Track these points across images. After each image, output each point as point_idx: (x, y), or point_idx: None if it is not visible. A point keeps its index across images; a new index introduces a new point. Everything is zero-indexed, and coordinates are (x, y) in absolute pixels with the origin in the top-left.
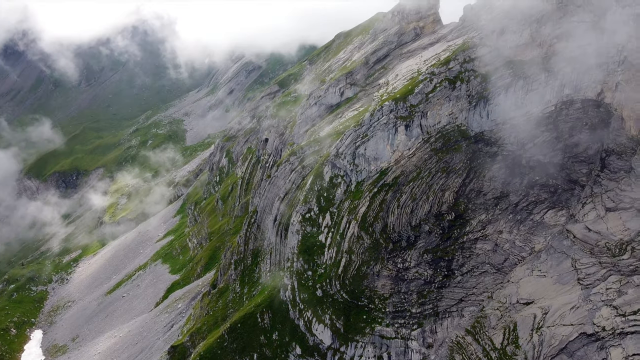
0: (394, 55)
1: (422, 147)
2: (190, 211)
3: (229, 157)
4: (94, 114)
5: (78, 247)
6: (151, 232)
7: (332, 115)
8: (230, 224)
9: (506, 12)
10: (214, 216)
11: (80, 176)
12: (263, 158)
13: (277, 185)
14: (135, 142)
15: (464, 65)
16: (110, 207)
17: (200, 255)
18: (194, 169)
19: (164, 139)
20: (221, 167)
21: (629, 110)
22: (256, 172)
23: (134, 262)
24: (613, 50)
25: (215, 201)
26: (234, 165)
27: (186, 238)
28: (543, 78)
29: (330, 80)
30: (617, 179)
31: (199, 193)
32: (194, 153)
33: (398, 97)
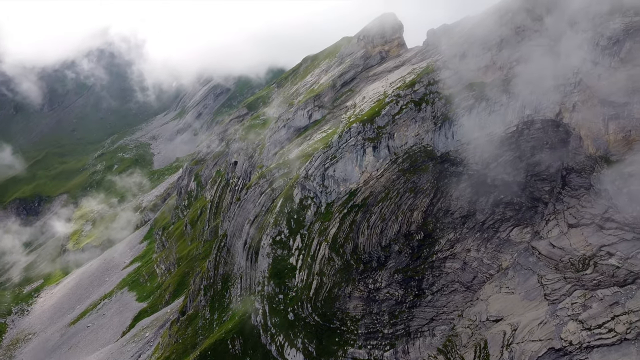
0: (361, 78)
1: (390, 168)
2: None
3: (198, 181)
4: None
5: (40, 276)
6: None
7: (301, 138)
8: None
9: (467, 37)
10: (182, 241)
11: (42, 203)
12: (232, 181)
13: (247, 208)
14: (100, 166)
15: (428, 87)
16: (74, 234)
17: (168, 282)
18: (161, 194)
19: (131, 163)
20: (190, 190)
21: (586, 130)
22: (225, 196)
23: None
24: (569, 73)
25: (183, 226)
26: (202, 189)
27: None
28: (504, 99)
29: (298, 103)
30: (577, 196)
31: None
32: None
33: (365, 119)
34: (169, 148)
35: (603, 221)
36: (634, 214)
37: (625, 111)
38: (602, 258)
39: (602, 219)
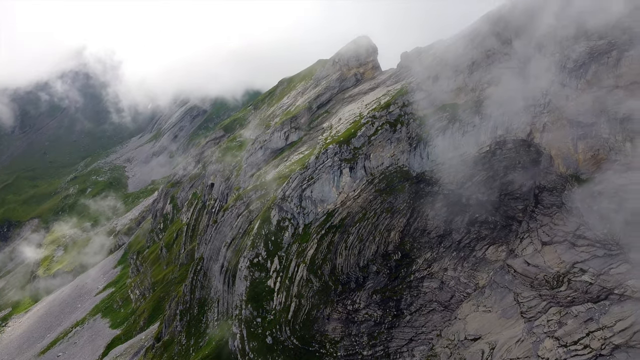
0: (337, 100)
1: (366, 189)
2: (132, 261)
3: (174, 203)
4: (29, 162)
5: (8, 304)
6: (90, 284)
7: (278, 159)
8: (175, 272)
9: (439, 60)
10: (157, 265)
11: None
12: (209, 203)
13: (224, 230)
14: (73, 190)
15: (403, 109)
16: (45, 260)
17: (143, 307)
18: (136, 217)
19: (105, 186)
20: (165, 213)
21: (557, 149)
22: (202, 218)
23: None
24: (538, 94)
25: (159, 249)
26: (178, 212)
27: (128, 289)
28: (477, 120)
29: (275, 124)
30: (550, 214)
31: (141, 242)
32: (136, 200)
33: (342, 140)
34: (144, 171)
35: (575, 238)
36: (605, 231)
37: (593, 131)
38: (575, 275)
39: (574, 236)
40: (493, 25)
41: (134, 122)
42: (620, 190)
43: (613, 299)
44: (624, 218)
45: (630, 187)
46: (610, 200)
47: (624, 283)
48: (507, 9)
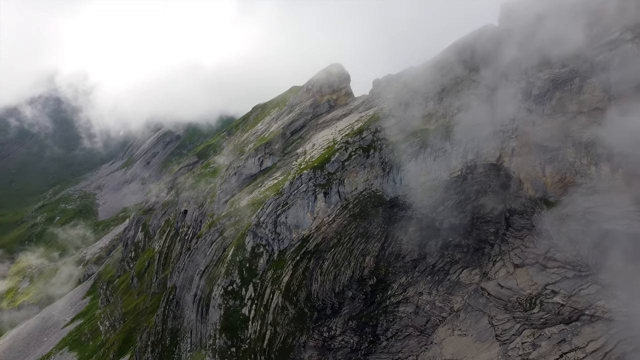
0: (310, 126)
1: (341, 214)
2: (102, 291)
3: (146, 231)
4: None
5: None
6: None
7: (252, 185)
8: (146, 302)
9: (410, 87)
10: (128, 295)
11: None
12: (182, 230)
13: (197, 258)
14: (41, 219)
15: (376, 134)
16: (9, 292)
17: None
18: (106, 245)
19: (74, 214)
20: (137, 241)
21: (525, 173)
22: (175, 246)
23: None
24: (506, 120)
25: (130, 278)
26: (151, 240)
27: (97, 321)
28: (448, 146)
29: (249, 150)
30: (521, 237)
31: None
32: (106, 228)
33: (316, 165)
34: (115, 198)
35: (546, 260)
36: (574, 253)
37: (559, 155)
38: (547, 296)
39: (545, 259)
40: (460, 54)
41: (106, 148)
42: (587, 213)
43: (584, 320)
44: (592, 240)
45: (596, 210)
46: (578, 223)
47: (594, 304)
48: (472, 38)
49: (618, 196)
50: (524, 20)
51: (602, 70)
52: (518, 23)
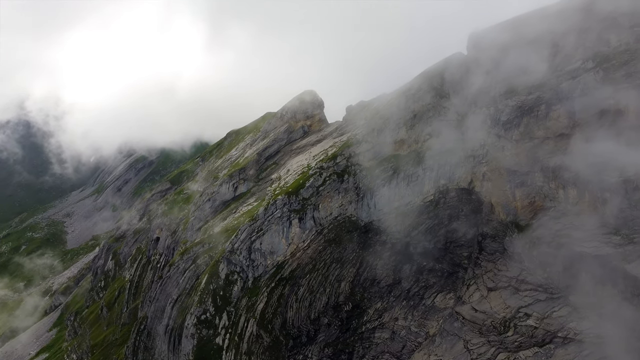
0: (285, 152)
1: (316, 239)
2: (69, 322)
3: (116, 259)
4: None
5: None
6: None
7: (227, 211)
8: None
9: (383, 113)
10: (97, 326)
11: None
12: (154, 258)
13: (170, 286)
14: (5, 248)
15: (349, 160)
16: None
17: None
18: (75, 275)
19: (41, 243)
20: (107, 270)
21: (497, 197)
22: (146, 274)
23: None
24: (476, 145)
25: (99, 309)
26: (121, 268)
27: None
28: (420, 171)
29: (223, 176)
30: (494, 260)
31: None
32: (75, 257)
33: (290, 191)
34: (85, 226)
35: (518, 283)
36: (545, 275)
37: (528, 179)
38: (520, 319)
39: (517, 282)
40: (430, 81)
41: (77, 173)
42: (557, 236)
43: (557, 342)
44: (562, 262)
45: (565, 233)
46: (549, 246)
47: (566, 326)
48: (442, 66)
49: (586, 219)
50: (491, 50)
51: (566, 97)
52: (485, 52)
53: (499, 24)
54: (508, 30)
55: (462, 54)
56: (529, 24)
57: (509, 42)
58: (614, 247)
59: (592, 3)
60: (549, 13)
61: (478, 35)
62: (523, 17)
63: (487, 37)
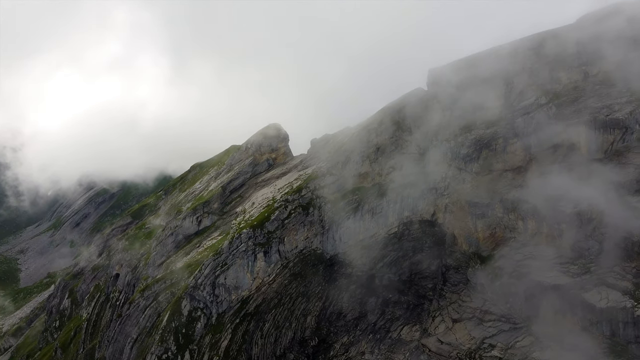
0: (250, 185)
1: (281, 273)
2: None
3: (73, 298)
4: None
5: None
6: None
7: (190, 245)
8: None
9: (347, 146)
10: None
11: None
12: (113, 296)
13: (129, 325)
14: None
15: (314, 192)
16: None
17: None
18: (27, 315)
19: None
20: (62, 309)
21: (459, 229)
22: (105, 313)
23: None
24: (438, 178)
25: (53, 350)
26: (78, 307)
27: None
28: (384, 203)
29: (187, 210)
30: (458, 291)
31: (32, 343)
32: (29, 296)
33: (255, 224)
34: (40, 263)
35: (482, 314)
36: (508, 305)
37: (489, 211)
38: (485, 350)
39: (481, 312)
40: (393, 115)
41: (34, 207)
42: (518, 266)
43: None
44: (524, 292)
45: (525, 263)
46: (510, 276)
47: (530, 356)
48: (403, 101)
49: (544, 250)
50: (449, 87)
51: (521, 132)
52: (443, 89)
53: (455, 61)
54: (464, 69)
55: (422, 90)
56: (484, 63)
57: (465, 79)
58: (572, 276)
59: (540, 45)
60: (502, 53)
61: (436, 72)
62: (478, 55)
63: (445, 75)
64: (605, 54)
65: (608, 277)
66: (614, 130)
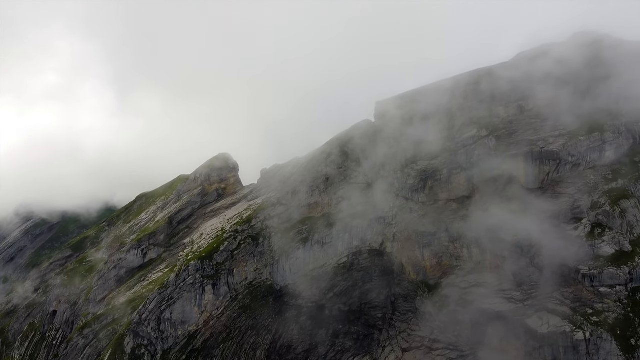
0: (198, 215)
1: (230, 306)
2: None
3: (4, 338)
4: None
5: None
6: None
7: (134, 279)
8: None
9: (297, 176)
10: None
11: None
12: (50, 334)
13: None
14: None
15: (265, 222)
16: None
17: None
18: None
19: None
20: None
21: (407, 258)
22: (40, 353)
23: None
24: (386, 207)
25: None
26: (10, 348)
27: None
28: (334, 233)
29: (131, 242)
30: (407, 320)
31: None
32: None
33: (204, 255)
34: None
35: (431, 342)
36: (455, 333)
37: (435, 240)
38: None
39: (430, 341)
40: (342, 146)
41: None
42: (464, 294)
43: None
44: (470, 319)
45: (471, 290)
46: (457, 304)
47: None
48: (352, 132)
49: (489, 277)
50: (394, 121)
51: (464, 163)
52: (389, 122)
53: (400, 95)
54: (408, 103)
55: (369, 121)
56: (426, 98)
57: (409, 113)
58: (515, 303)
59: (478, 82)
60: (443, 88)
61: (383, 105)
62: (421, 90)
63: (390, 108)
64: (537, 91)
65: (548, 302)
66: (549, 161)
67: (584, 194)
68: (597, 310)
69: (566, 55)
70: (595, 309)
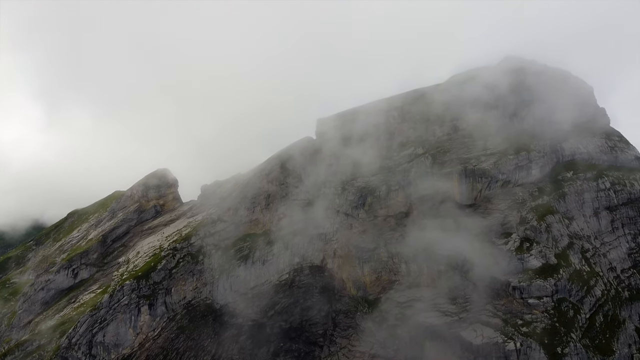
0: (135, 232)
1: (168, 326)
2: None
3: None
4: None
5: None
6: None
7: (65, 300)
8: None
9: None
10: None
11: None
12: None
13: None
14: None
15: (205, 240)
16: None
17: None
18: None
19: None
20: None
21: (347, 273)
22: None
23: None
24: (327, 224)
25: None
26: None
27: None
28: (275, 249)
29: (61, 261)
30: (348, 336)
31: None
32: None
33: (140, 274)
34: None
35: (371, 358)
36: (394, 348)
37: (375, 255)
38: None
39: (369, 356)
40: (283, 163)
41: None
42: (402, 308)
43: None
44: (409, 334)
45: (409, 305)
46: (395, 318)
47: None
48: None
49: (426, 291)
50: (334, 139)
51: (402, 180)
52: (330, 140)
53: (340, 113)
54: (348, 121)
55: (310, 138)
56: (365, 117)
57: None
58: (451, 316)
59: (413, 102)
60: (380, 107)
61: (323, 123)
62: (359, 109)
63: (330, 127)
64: (468, 113)
65: (482, 315)
66: (481, 179)
67: (513, 209)
68: (527, 320)
69: (493, 80)
70: (525, 319)
